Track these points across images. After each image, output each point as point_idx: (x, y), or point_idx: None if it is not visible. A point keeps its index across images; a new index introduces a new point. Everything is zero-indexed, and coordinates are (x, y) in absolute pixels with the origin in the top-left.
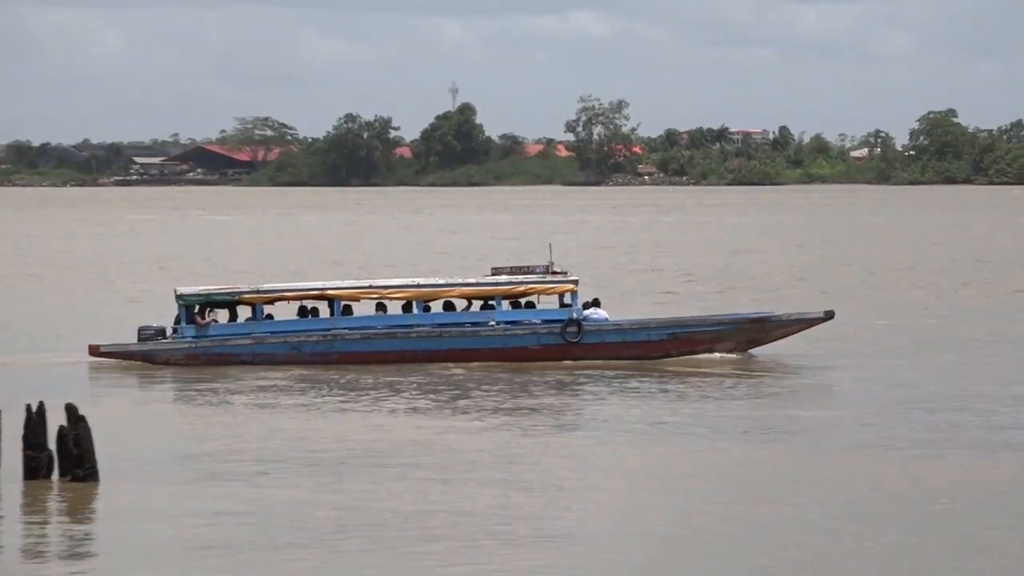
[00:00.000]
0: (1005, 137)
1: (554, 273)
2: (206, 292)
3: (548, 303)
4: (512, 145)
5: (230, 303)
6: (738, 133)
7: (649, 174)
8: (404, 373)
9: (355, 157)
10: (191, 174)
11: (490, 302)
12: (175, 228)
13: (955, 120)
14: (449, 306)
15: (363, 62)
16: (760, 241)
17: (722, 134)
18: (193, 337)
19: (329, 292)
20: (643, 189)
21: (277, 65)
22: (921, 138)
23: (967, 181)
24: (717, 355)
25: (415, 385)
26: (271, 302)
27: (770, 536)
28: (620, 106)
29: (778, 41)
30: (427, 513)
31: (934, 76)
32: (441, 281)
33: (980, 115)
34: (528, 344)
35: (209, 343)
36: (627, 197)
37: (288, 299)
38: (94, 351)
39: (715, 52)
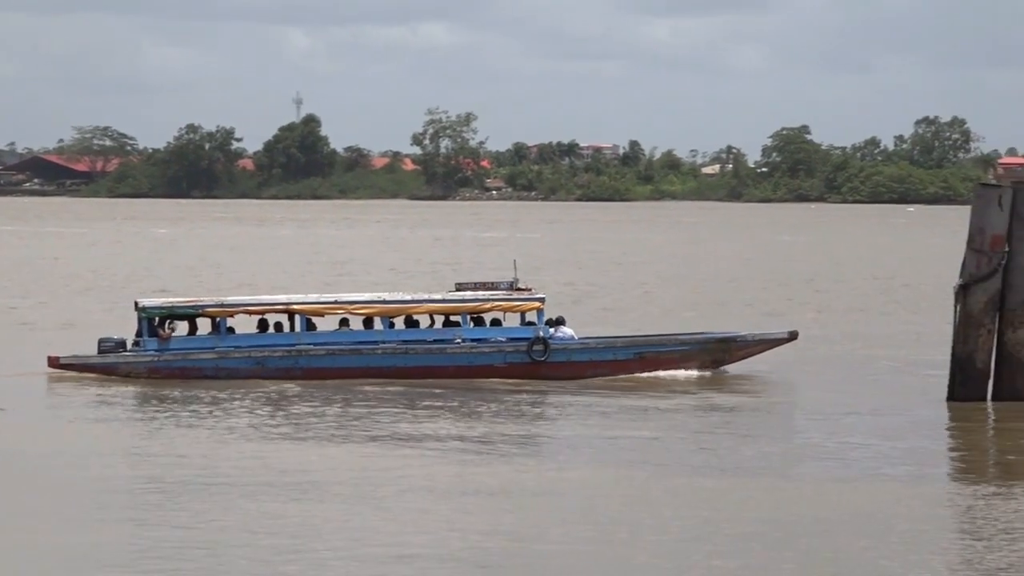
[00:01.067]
0: (859, 155)
1: (519, 290)
2: (169, 305)
3: (514, 320)
4: (357, 158)
5: (192, 316)
6: (588, 148)
7: (497, 189)
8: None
9: (196, 168)
10: (28, 184)
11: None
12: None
13: (808, 137)
14: (411, 322)
15: (207, 72)
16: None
17: (571, 149)
18: (156, 350)
19: (294, 307)
20: (491, 204)
21: (120, 74)
22: (774, 155)
23: (820, 199)
24: (682, 374)
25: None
26: (234, 315)
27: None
28: (468, 119)
29: (629, 54)
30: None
31: (788, 92)
32: (407, 297)
33: (834, 132)
34: (494, 362)
35: (172, 357)
36: (501, 211)
37: (251, 313)
38: (53, 363)
39: (565, 65)
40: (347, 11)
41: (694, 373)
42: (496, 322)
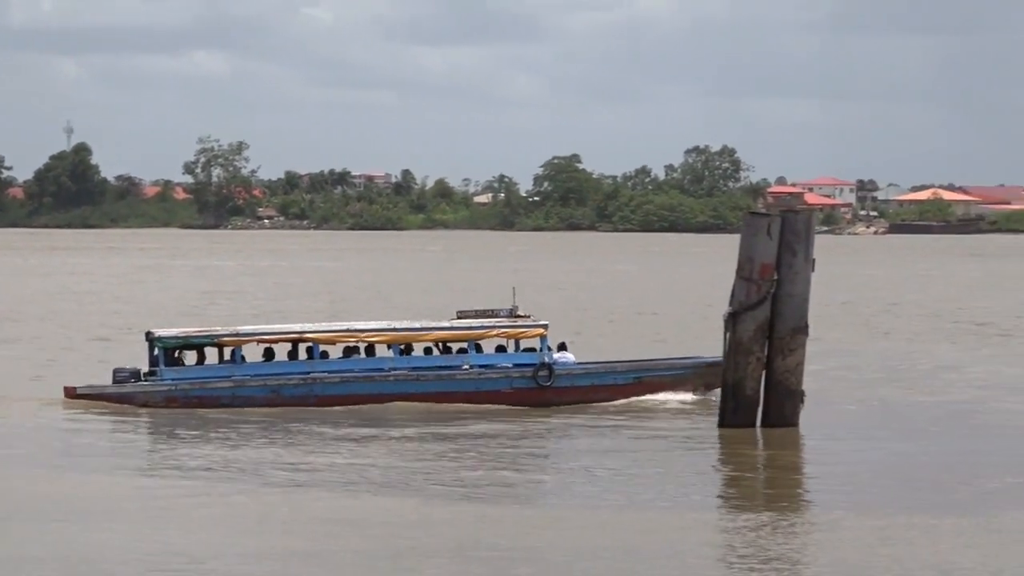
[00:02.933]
0: (630, 184)
1: (518, 317)
2: (185, 335)
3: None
4: (129, 186)
5: (208, 345)
6: (361, 177)
7: (269, 217)
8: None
9: None
10: None
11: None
12: None
13: (579, 166)
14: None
15: None
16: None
17: (343, 177)
18: (172, 380)
19: (308, 335)
20: (262, 232)
21: None
22: (546, 184)
23: (591, 228)
24: (674, 398)
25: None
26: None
27: None
28: (240, 148)
29: (403, 83)
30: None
31: (559, 121)
32: (417, 325)
33: (605, 161)
34: (501, 388)
35: (189, 386)
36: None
37: (267, 342)
38: (70, 393)
39: (339, 94)
40: (119, 40)
41: (688, 396)
42: (501, 348)
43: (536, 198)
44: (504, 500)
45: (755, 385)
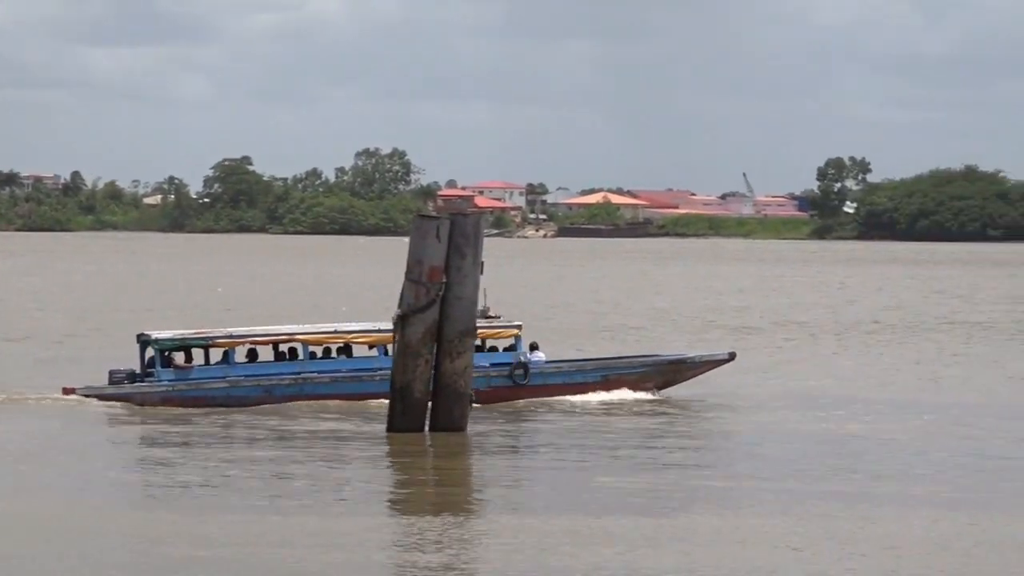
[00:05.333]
0: (300, 186)
1: (489, 318)
2: (181, 337)
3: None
4: None
5: (203, 347)
6: (29, 178)
7: None
8: None
9: None
10: None
11: None
12: None
13: (250, 168)
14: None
15: None
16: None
17: (12, 178)
18: (169, 381)
19: (299, 337)
20: None
21: None
22: (216, 186)
23: (262, 230)
24: (632, 394)
25: None
26: (243, 345)
27: None
28: None
29: (72, 84)
30: None
31: (230, 123)
32: None
33: (276, 163)
34: (479, 386)
35: (185, 386)
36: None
37: (260, 343)
38: (68, 393)
39: (6, 93)
40: None
41: (648, 394)
42: (479, 348)
43: (206, 200)
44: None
45: (424, 388)
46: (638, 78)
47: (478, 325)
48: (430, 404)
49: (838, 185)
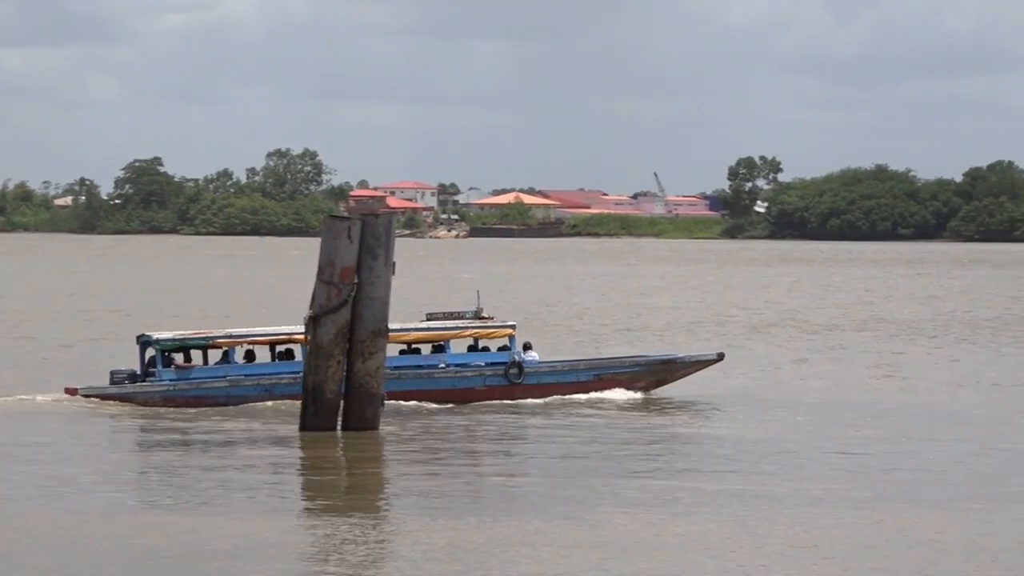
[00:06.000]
0: (211, 187)
1: (483, 318)
2: (182, 337)
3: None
4: None
5: (203, 347)
6: None
7: None
8: None
9: None
10: None
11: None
12: None
13: (161, 169)
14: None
15: None
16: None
17: None
18: (171, 380)
19: (297, 336)
20: None
21: None
22: (127, 187)
23: (173, 231)
24: (622, 394)
25: None
26: (243, 346)
27: None
28: None
29: None
30: None
31: (141, 124)
32: (397, 326)
33: (187, 164)
34: (475, 385)
35: (186, 386)
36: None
37: (259, 344)
38: (71, 394)
39: None
40: None
41: (638, 394)
42: (473, 347)
43: (118, 201)
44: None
45: (336, 388)
46: (550, 78)
47: (474, 325)
48: (342, 404)
49: (749, 185)
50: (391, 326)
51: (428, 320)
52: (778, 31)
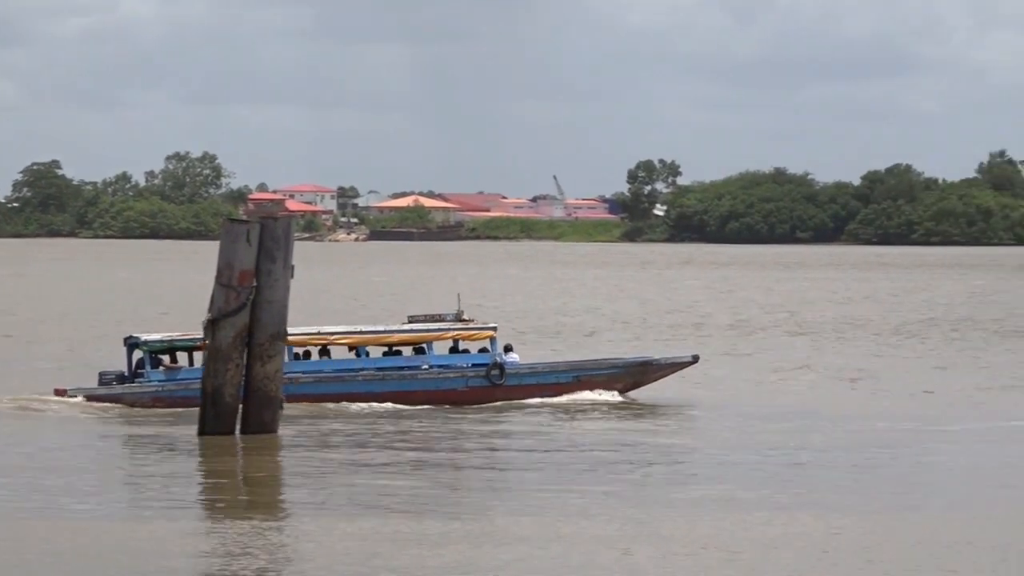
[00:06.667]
0: (110, 190)
1: (463, 320)
2: (169, 339)
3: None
4: None
5: (189, 349)
6: None
7: None
8: None
9: None
10: None
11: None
12: None
13: (59, 172)
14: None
15: None
16: None
17: None
18: (160, 381)
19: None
20: None
21: None
22: (25, 190)
23: (72, 234)
24: (599, 395)
25: None
26: None
27: None
28: None
29: None
30: None
31: (39, 126)
32: (380, 328)
33: (85, 167)
34: (457, 386)
35: (175, 387)
36: None
37: None
38: (60, 395)
39: None
40: None
41: (616, 395)
42: (454, 349)
43: (15, 204)
44: None
45: (234, 392)
46: (449, 81)
47: (456, 327)
48: (241, 408)
49: (648, 187)
50: (376, 328)
51: (410, 322)
52: (678, 34)
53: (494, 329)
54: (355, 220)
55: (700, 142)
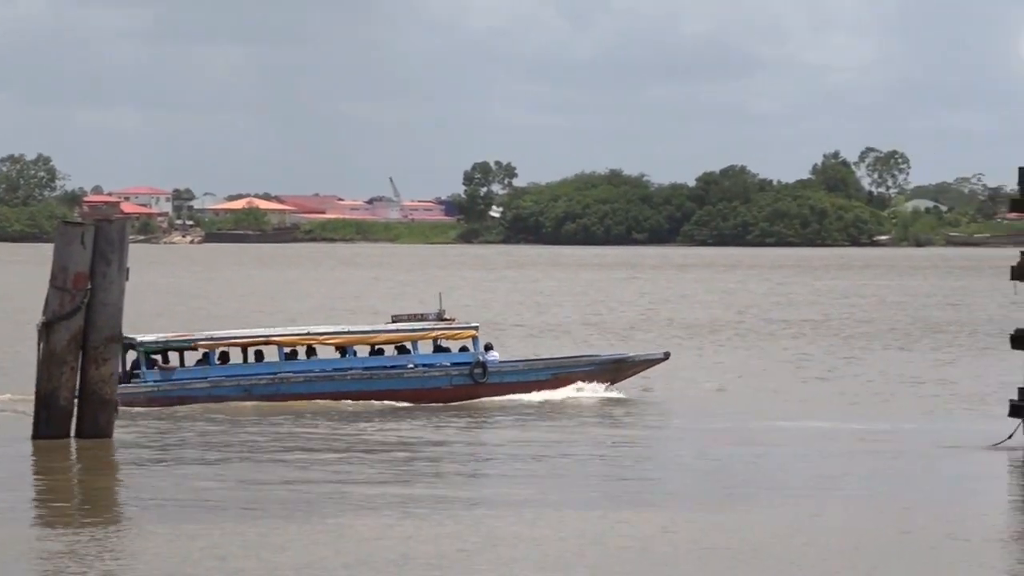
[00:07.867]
0: None
1: (445, 320)
2: (165, 340)
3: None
4: None
5: (184, 349)
6: None
7: None
8: None
9: None
10: None
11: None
12: None
13: None
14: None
15: None
16: None
17: None
18: (155, 381)
19: (274, 339)
20: None
21: None
22: None
23: None
24: (583, 390)
25: None
26: (223, 347)
27: None
28: None
29: None
30: None
31: None
32: (367, 328)
33: None
34: (442, 384)
35: (169, 386)
36: None
37: (238, 345)
38: None
39: None
40: None
41: (598, 391)
42: (438, 348)
43: None
44: None
45: (69, 395)
46: (286, 83)
47: (439, 326)
48: (75, 411)
49: (484, 189)
50: (363, 328)
51: (394, 322)
52: (516, 36)
53: (476, 328)
54: (191, 222)
55: (536, 144)
